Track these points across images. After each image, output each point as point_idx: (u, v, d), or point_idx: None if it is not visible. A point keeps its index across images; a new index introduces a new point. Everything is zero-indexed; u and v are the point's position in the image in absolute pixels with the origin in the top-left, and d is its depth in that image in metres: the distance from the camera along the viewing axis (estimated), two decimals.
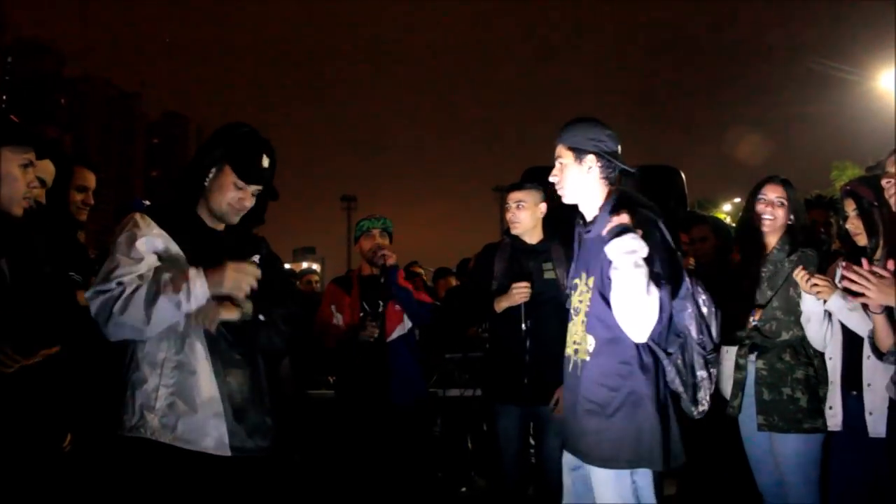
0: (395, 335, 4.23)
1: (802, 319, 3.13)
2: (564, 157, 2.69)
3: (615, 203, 2.58)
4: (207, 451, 2.40)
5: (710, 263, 4.18)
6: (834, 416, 3.06)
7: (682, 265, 2.57)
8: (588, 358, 2.57)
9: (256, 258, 2.55)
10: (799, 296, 3.13)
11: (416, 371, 4.33)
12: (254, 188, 2.56)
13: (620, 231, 2.40)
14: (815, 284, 2.91)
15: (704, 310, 2.57)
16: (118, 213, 3.82)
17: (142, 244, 2.38)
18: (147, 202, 3.87)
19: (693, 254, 4.32)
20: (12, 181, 2.26)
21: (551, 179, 2.75)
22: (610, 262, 2.44)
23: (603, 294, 2.53)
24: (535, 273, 3.74)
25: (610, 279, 2.46)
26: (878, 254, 2.76)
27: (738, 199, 32.83)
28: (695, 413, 2.60)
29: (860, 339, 2.90)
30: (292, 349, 4.96)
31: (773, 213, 3.26)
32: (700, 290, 2.58)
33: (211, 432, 2.41)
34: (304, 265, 23.81)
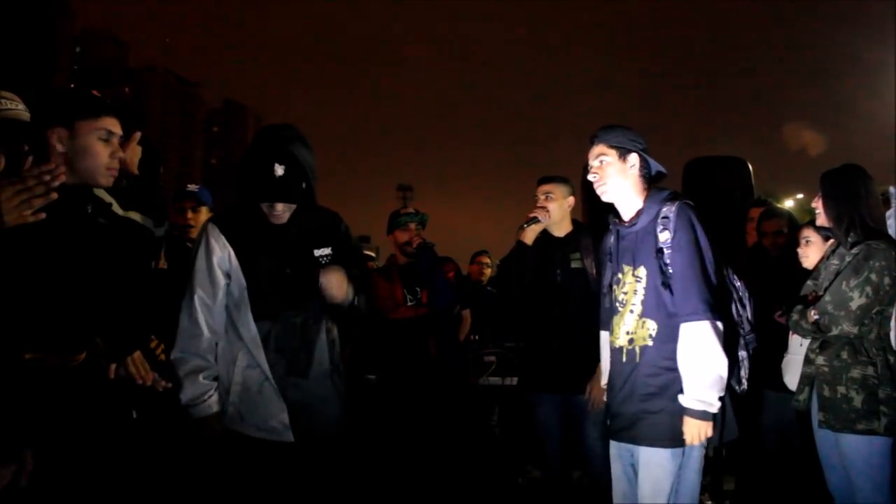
0: None
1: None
2: (608, 154, 2.81)
3: (667, 196, 2.77)
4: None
5: (781, 258, 4.10)
6: None
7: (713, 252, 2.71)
8: (650, 343, 2.69)
9: (326, 252, 2.77)
10: (851, 290, 3.00)
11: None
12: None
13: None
14: None
15: (740, 294, 2.86)
16: (175, 198, 3.92)
17: (217, 269, 2.67)
18: (194, 186, 3.99)
19: (768, 246, 4.25)
20: (93, 154, 2.27)
21: (590, 178, 2.86)
22: (662, 250, 2.67)
23: (661, 280, 2.68)
24: (562, 263, 3.83)
25: (667, 263, 2.67)
26: None
27: (800, 195, 31.98)
28: (737, 390, 2.83)
29: None
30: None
31: (818, 206, 3.23)
32: (734, 276, 2.87)
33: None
34: None
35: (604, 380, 3.01)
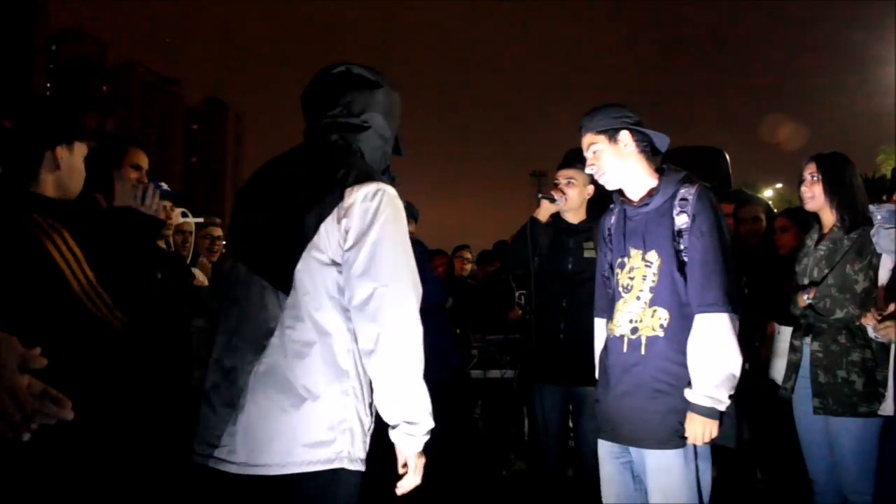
0: None
1: (869, 332, 3.00)
2: (597, 142, 2.62)
3: (684, 177, 2.57)
4: None
5: (758, 245, 4.12)
6: (886, 401, 2.97)
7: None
8: (661, 333, 2.49)
9: None
10: (856, 273, 3.03)
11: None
12: None
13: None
14: (887, 327, 2.79)
15: None
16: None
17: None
18: (164, 184, 3.87)
19: (745, 234, 4.25)
20: (81, 174, 2.23)
21: (588, 171, 2.70)
22: (680, 233, 2.47)
23: (676, 267, 2.49)
24: (575, 251, 3.73)
25: (683, 249, 2.48)
26: None
27: (779, 185, 32.26)
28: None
29: None
30: None
31: (811, 190, 3.18)
32: None
33: None
34: None
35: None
